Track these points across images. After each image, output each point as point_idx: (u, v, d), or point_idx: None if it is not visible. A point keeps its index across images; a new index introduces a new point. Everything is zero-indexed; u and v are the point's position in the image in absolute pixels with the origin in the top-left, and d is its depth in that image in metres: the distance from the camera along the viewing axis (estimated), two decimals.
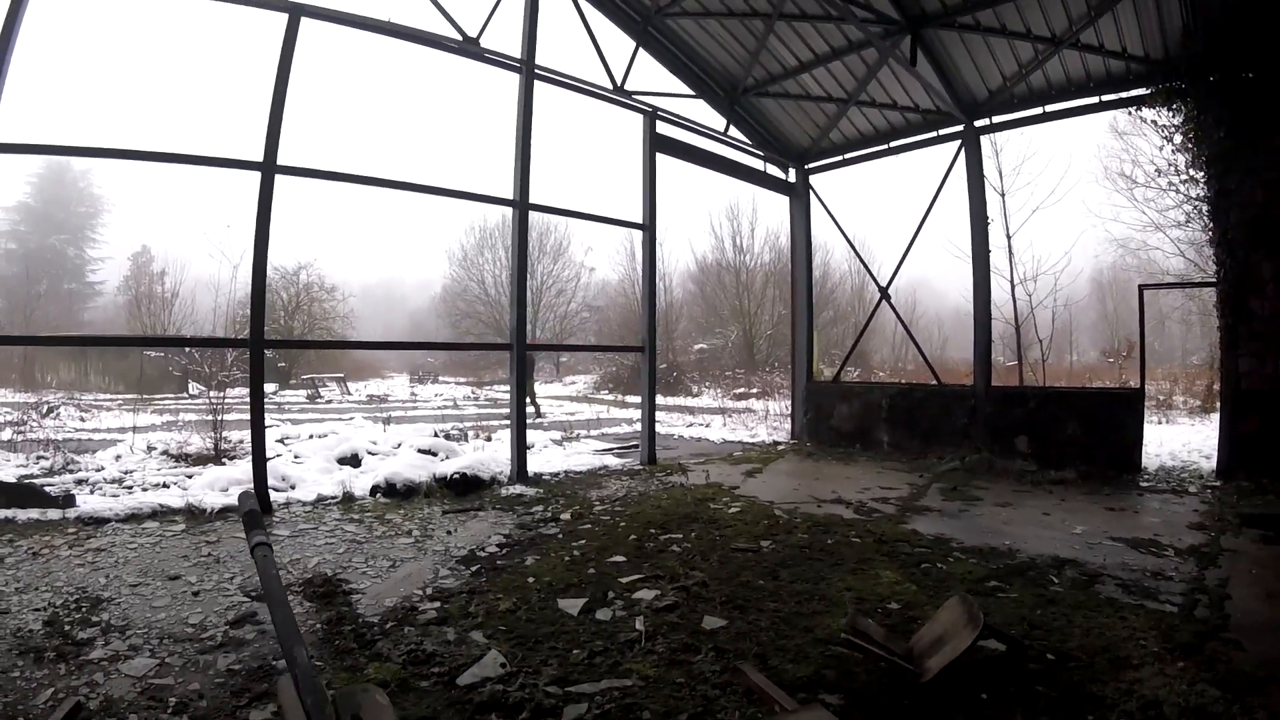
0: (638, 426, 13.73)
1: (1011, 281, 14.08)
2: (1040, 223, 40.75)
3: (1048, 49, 10.23)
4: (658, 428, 15.95)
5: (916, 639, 4.00)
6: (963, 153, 11.67)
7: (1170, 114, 9.96)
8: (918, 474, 10.19)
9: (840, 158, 13.55)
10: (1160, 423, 16.00)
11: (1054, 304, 17.55)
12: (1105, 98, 10.69)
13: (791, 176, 13.82)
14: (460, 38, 9.53)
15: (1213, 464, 9.89)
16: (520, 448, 9.81)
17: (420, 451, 10.41)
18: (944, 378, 13.05)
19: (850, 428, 12.77)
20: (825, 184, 13.88)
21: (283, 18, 7.78)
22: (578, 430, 16.13)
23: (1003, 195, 14.11)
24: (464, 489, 8.85)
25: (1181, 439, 12.91)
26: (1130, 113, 10.83)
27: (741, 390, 29.32)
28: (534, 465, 10.32)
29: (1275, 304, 9.05)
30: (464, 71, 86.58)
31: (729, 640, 4.24)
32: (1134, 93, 10.31)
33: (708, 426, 17.47)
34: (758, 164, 13.49)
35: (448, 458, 10.10)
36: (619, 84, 11.14)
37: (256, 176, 7.55)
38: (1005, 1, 9.72)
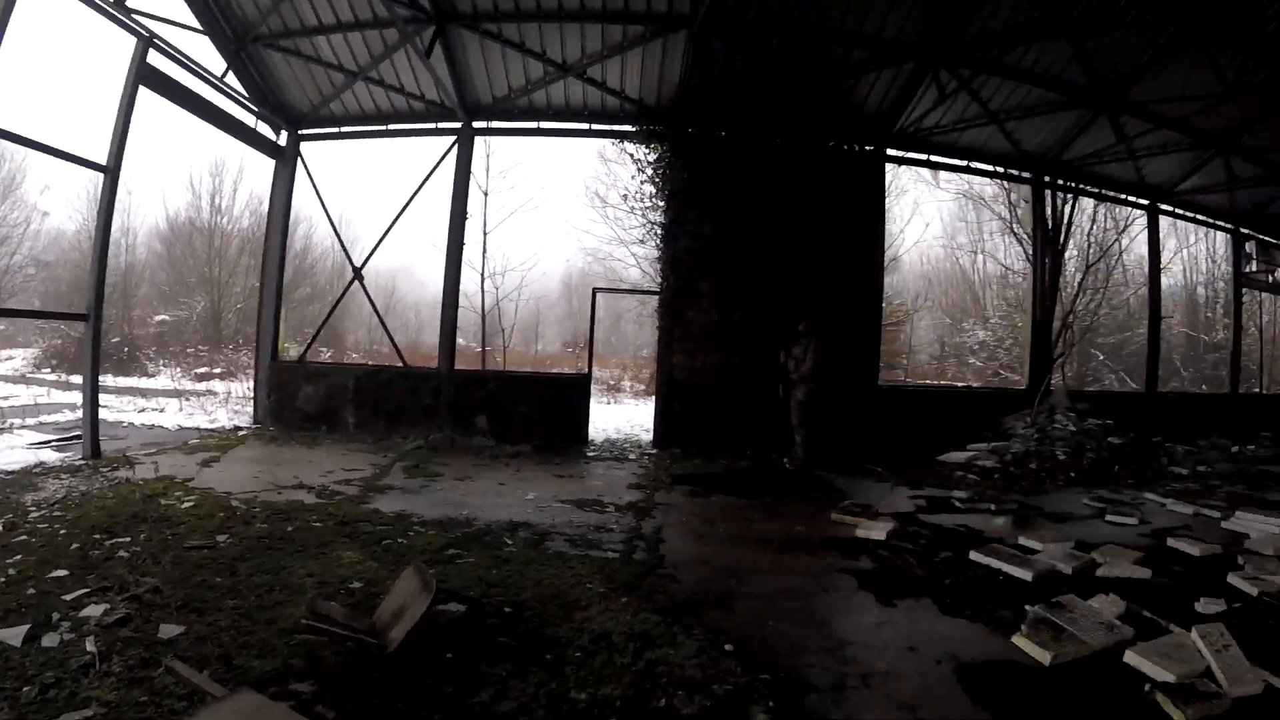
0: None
1: (482, 274, 14.36)
2: (518, 224, 42.98)
3: (557, 73, 10.90)
4: (106, 414, 13.91)
5: (378, 614, 3.91)
6: (455, 149, 11.82)
7: (648, 151, 11.41)
8: (383, 454, 9.87)
9: (338, 129, 12.64)
10: (610, 404, 17.91)
11: (518, 298, 18.49)
12: (596, 126, 11.83)
13: (283, 140, 12.40)
14: None
15: (651, 437, 11.41)
16: None
17: None
18: (418, 362, 12.81)
19: (316, 410, 11.97)
20: (321, 154, 12.83)
21: None
22: (10, 419, 12.58)
23: (486, 194, 14.36)
24: None
25: (627, 417, 14.52)
26: (615, 143, 11.95)
27: (204, 370, 25.85)
28: None
29: (708, 315, 11.16)
30: None
31: (190, 646, 3.71)
32: (622, 127, 11.64)
33: (162, 411, 15.04)
34: (249, 120, 11.87)
35: None
36: None
37: None
38: (531, 21, 10.11)
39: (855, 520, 6.70)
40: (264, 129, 11.98)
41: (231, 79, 11.05)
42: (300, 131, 12.33)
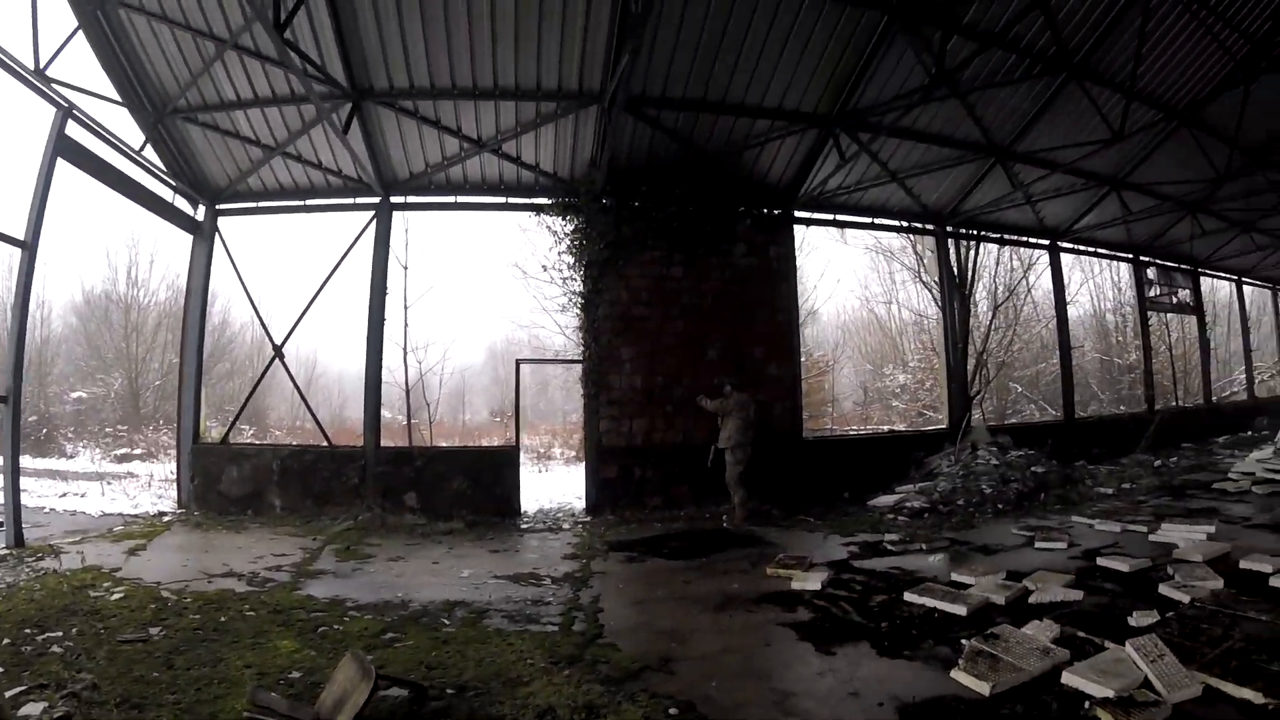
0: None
1: (405, 349, 14.20)
2: (442, 297, 42.40)
3: (473, 149, 11.00)
4: (26, 499, 13.06)
5: (320, 703, 3.82)
6: (374, 224, 11.76)
7: (564, 222, 11.52)
8: (311, 537, 9.52)
9: (256, 204, 12.44)
10: (541, 472, 17.59)
11: (442, 371, 18.32)
12: (513, 200, 11.89)
13: (200, 214, 12.12)
14: None
15: (584, 504, 11.23)
16: None
17: None
18: (344, 438, 12.51)
19: (241, 493, 11.53)
20: (240, 229, 12.64)
21: None
22: None
23: (406, 268, 14.26)
24: None
25: (559, 485, 14.29)
26: (531, 215, 11.92)
27: (124, 451, 24.65)
28: None
29: (630, 380, 11.17)
30: None
31: None
32: (538, 200, 11.70)
33: (84, 496, 14.23)
34: (167, 194, 11.60)
35: None
36: (41, 66, 8.64)
37: None
38: (446, 99, 10.23)
39: (790, 573, 6.72)
40: (181, 203, 11.72)
41: (149, 152, 10.84)
42: (218, 206, 12.08)
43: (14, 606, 5.89)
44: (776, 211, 12.05)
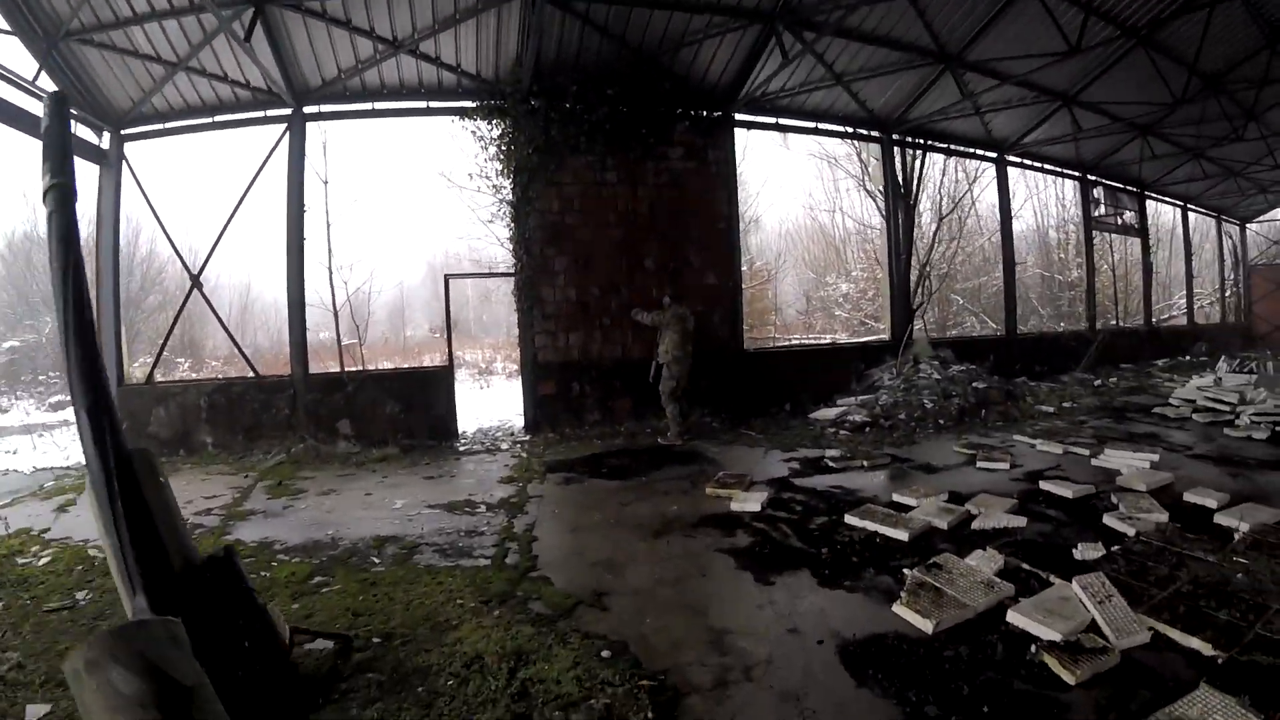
0: None
1: (330, 268, 13.48)
2: (372, 212, 40.67)
3: (388, 50, 10.11)
4: None
5: None
6: (287, 137, 10.90)
7: (490, 127, 10.79)
8: (243, 474, 9.10)
9: (163, 125, 11.46)
10: (483, 389, 17.25)
11: (370, 289, 17.65)
12: (434, 104, 11.03)
13: (105, 142, 11.23)
14: None
15: (523, 422, 10.87)
16: None
17: None
18: (280, 368, 11.89)
19: (170, 434, 10.95)
20: (150, 155, 11.78)
21: None
22: None
23: (326, 183, 13.30)
24: None
25: (501, 402, 14.03)
26: (455, 120, 11.10)
27: (59, 399, 23.59)
28: None
29: (565, 292, 10.75)
30: None
31: None
32: (461, 104, 10.89)
33: (15, 454, 13.43)
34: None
35: None
36: None
37: None
38: None
39: (730, 492, 6.62)
40: (86, 133, 10.86)
41: (45, 80, 9.91)
42: (123, 132, 11.18)
43: None
44: (716, 114, 11.52)
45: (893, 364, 12.03)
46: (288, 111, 10.74)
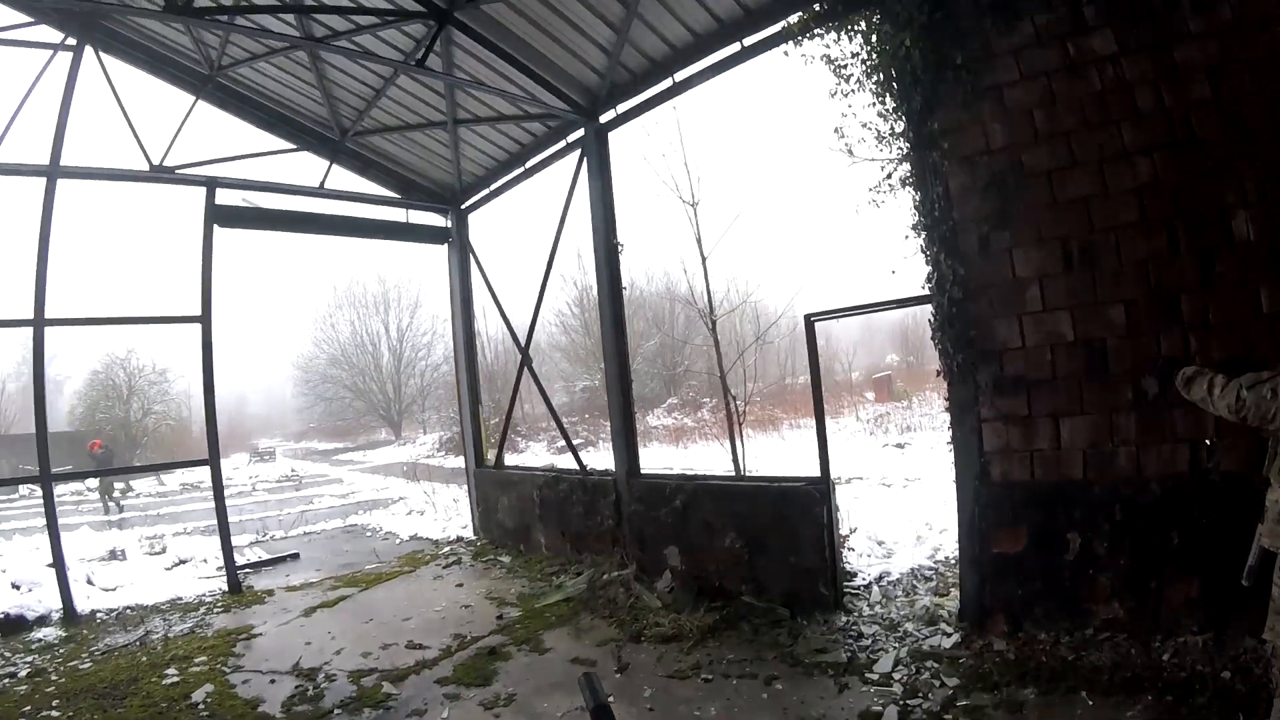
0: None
1: (711, 309, 10.18)
2: (744, 230, 32.26)
3: None
4: (359, 519, 14.06)
5: None
6: (582, 156, 8.35)
7: (847, 39, 6.02)
8: (517, 594, 7.37)
9: (488, 190, 10.41)
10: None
11: (758, 328, 13.94)
12: (749, 40, 6.84)
13: (449, 221, 11.00)
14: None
15: (955, 596, 5.67)
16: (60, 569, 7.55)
17: None
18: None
19: (513, 524, 9.66)
20: (474, 225, 11.11)
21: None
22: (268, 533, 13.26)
23: (694, 205, 9.86)
24: None
25: (916, 501, 9.72)
26: (786, 53, 6.50)
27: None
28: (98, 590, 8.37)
29: (1043, 326, 5.00)
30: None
31: None
32: (791, 17, 6.34)
33: (422, 514, 13.73)
34: (399, 214, 10.66)
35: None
36: (157, 163, 8.60)
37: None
38: None
39: None
40: (419, 217, 10.89)
41: (367, 183, 10.54)
42: (463, 206, 10.86)
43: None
44: None
45: None
46: (580, 133, 8.37)
